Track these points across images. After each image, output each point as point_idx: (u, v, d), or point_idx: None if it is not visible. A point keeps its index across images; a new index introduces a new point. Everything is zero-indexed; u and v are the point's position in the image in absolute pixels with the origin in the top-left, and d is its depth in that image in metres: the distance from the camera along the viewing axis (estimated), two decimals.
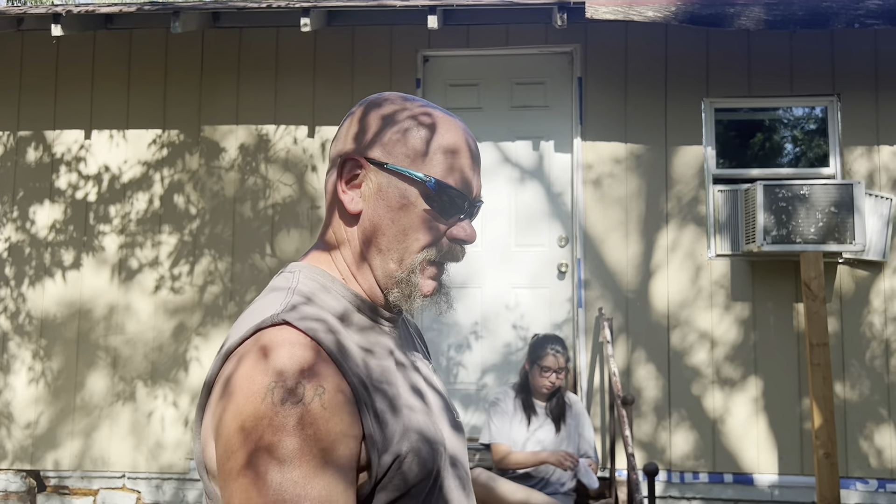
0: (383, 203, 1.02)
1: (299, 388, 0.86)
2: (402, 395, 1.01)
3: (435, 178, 1.01)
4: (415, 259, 1.02)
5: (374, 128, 1.04)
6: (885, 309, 4.59)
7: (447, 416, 1.13)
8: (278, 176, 4.95)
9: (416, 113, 1.04)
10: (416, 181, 1.01)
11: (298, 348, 0.90)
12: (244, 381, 0.87)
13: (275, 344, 0.90)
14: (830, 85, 4.74)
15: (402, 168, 1.02)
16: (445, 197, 1.02)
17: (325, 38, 5.00)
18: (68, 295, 4.95)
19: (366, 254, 1.05)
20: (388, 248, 1.03)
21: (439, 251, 1.03)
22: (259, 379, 0.87)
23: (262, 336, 0.92)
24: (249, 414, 0.85)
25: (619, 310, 4.70)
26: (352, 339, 0.99)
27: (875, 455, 4.49)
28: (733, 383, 4.60)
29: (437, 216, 1.02)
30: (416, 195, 1.01)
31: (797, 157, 4.98)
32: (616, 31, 4.86)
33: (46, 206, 5.03)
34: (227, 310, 4.86)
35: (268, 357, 0.89)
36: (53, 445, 4.84)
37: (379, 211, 1.02)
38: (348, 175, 1.04)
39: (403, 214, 1.02)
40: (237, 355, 0.92)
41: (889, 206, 4.55)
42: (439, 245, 1.03)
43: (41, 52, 5.14)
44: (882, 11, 4.10)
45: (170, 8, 4.52)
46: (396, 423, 0.96)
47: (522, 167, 4.96)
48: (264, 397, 0.85)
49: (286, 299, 0.97)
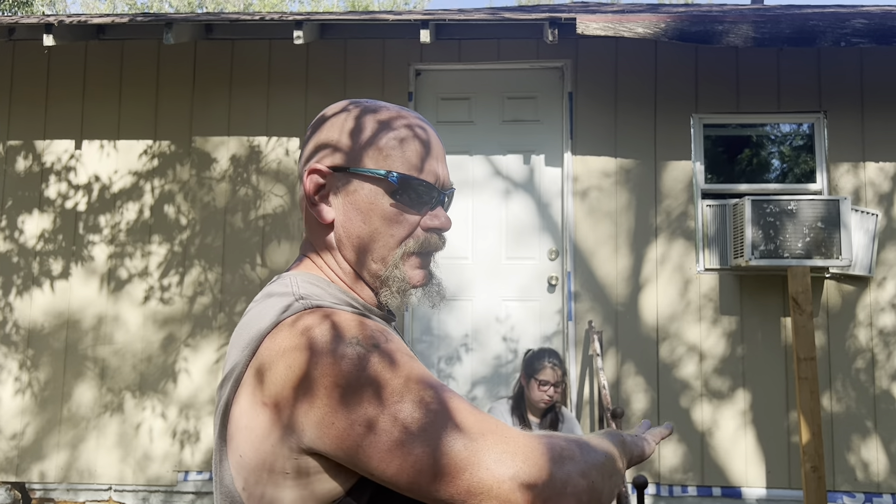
0: (352, 207, 1.03)
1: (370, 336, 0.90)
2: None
3: (396, 171, 1.02)
4: (395, 254, 1.03)
5: (330, 137, 1.05)
6: (870, 323, 4.63)
7: None
8: (269, 187, 4.95)
9: (367, 113, 1.06)
10: (378, 179, 1.02)
11: (342, 315, 0.92)
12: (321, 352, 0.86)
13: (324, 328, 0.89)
14: (817, 102, 4.81)
15: (363, 169, 1.02)
16: (410, 189, 1.02)
17: (318, 51, 5.02)
18: (56, 305, 4.92)
19: (348, 259, 1.05)
20: (366, 249, 1.04)
21: (417, 242, 1.04)
22: (330, 339, 0.88)
23: (295, 321, 0.91)
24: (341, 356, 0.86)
25: (609, 323, 4.72)
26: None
27: (862, 469, 4.52)
28: (722, 396, 4.63)
29: (407, 209, 1.03)
30: (382, 192, 1.02)
31: (784, 173, 5.03)
32: (606, 47, 4.91)
33: (35, 216, 5.01)
34: (216, 321, 4.85)
35: (325, 326, 0.89)
36: (39, 457, 4.80)
37: (350, 215, 1.03)
38: (314, 187, 1.05)
39: (373, 214, 1.02)
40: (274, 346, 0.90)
41: (875, 222, 4.61)
42: (415, 236, 1.04)
43: (32, 62, 5.13)
44: (868, 30, 4.17)
45: (162, 19, 4.53)
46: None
47: (513, 181, 4.99)
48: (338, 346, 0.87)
49: (293, 298, 0.96)
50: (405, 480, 0.83)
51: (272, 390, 0.88)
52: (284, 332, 0.90)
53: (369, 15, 4.78)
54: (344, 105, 1.08)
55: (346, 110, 1.07)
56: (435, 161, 1.05)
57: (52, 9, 17.90)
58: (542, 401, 3.73)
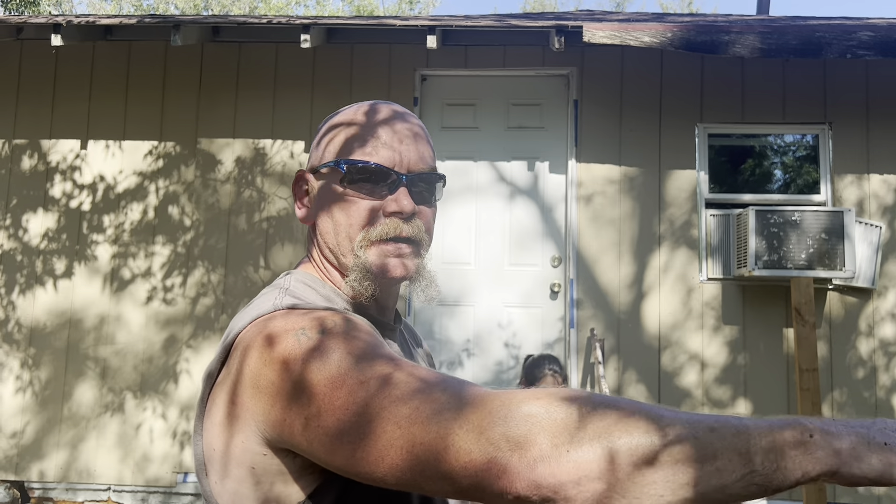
0: (319, 204, 1.06)
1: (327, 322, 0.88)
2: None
3: (342, 159, 1.02)
4: (356, 243, 1.02)
5: (313, 144, 1.11)
6: (872, 335, 4.63)
7: None
8: (274, 189, 4.96)
9: (338, 114, 1.09)
10: (331, 171, 1.04)
11: (313, 312, 0.91)
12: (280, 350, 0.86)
13: (283, 323, 0.90)
14: (822, 113, 4.81)
15: (321, 164, 1.06)
16: (361, 174, 1.01)
17: (324, 55, 5.03)
18: (59, 304, 4.92)
19: (325, 257, 1.07)
20: (335, 243, 1.04)
21: (377, 229, 1.02)
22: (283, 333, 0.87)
23: (266, 321, 0.91)
24: (285, 350, 0.85)
25: (611, 330, 4.72)
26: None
27: None
28: (723, 406, 4.62)
29: (360, 195, 1.02)
30: (335, 183, 1.03)
31: (788, 184, 5.03)
32: (612, 56, 4.92)
33: (40, 215, 5.02)
34: (218, 322, 4.85)
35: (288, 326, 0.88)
36: (39, 456, 4.80)
37: (320, 213, 1.06)
38: (299, 192, 1.11)
39: (333, 206, 1.03)
40: (241, 343, 0.91)
41: (879, 234, 4.61)
42: (375, 223, 1.02)
43: (40, 62, 5.15)
44: (874, 43, 4.18)
45: (170, 21, 4.55)
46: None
47: (517, 187, 5.00)
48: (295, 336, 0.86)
49: (282, 295, 0.98)
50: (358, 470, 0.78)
51: (232, 386, 0.90)
52: (251, 332, 0.91)
53: (376, 20, 4.80)
54: (338, 111, 1.12)
55: (333, 115, 1.12)
56: (393, 144, 1.02)
57: (59, 9, 17.96)
58: None
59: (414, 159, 1.04)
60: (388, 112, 1.06)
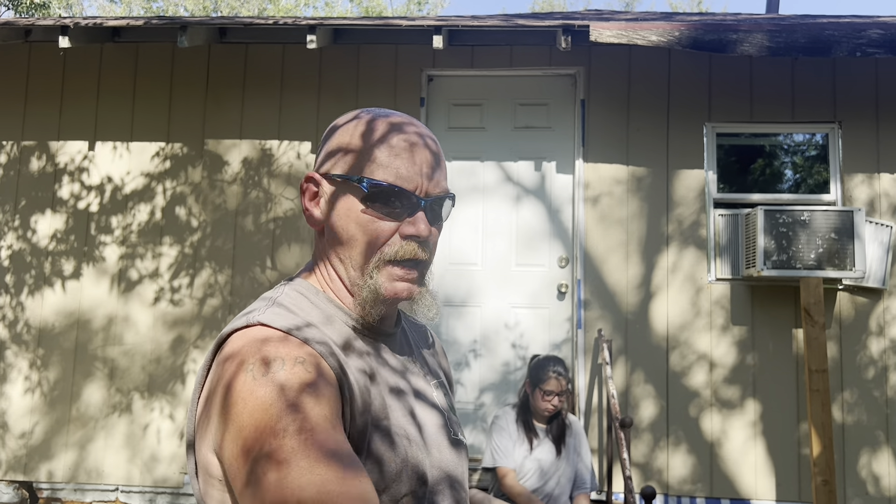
0: (334, 213, 1.05)
1: (288, 377, 0.88)
2: (401, 426, 1.01)
3: (368, 178, 1.01)
4: (370, 263, 1.03)
5: (329, 144, 1.08)
6: (884, 335, 4.59)
7: (445, 433, 1.12)
8: (280, 190, 4.96)
9: (361, 122, 1.07)
10: (352, 185, 1.03)
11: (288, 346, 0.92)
12: (238, 392, 0.87)
13: (263, 345, 0.91)
14: (832, 112, 4.78)
15: (340, 175, 1.04)
16: (382, 195, 1.01)
17: (331, 56, 5.03)
18: (67, 305, 4.94)
19: (332, 265, 1.07)
20: (346, 255, 1.04)
21: (392, 250, 1.02)
22: (251, 385, 0.87)
23: (246, 338, 0.94)
24: (251, 428, 0.86)
25: (619, 331, 4.69)
26: (351, 365, 0.99)
27: (873, 482, 4.47)
28: (731, 407, 4.59)
29: (381, 216, 1.02)
30: (356, 199, 1.03)
31: (798, 183, 5.00)
32: (619, 55, 4.90)
33: (48, 216, 5.04)
34: (225, 323, 4.86)
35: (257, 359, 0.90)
36: (47, 457, 4.81)
37: (333, 221, 1.05)
38: (309, 193, 1.08)
39: (350, 220, 1.03)
40: (223, 359, 0.94)
41: (889, 234, 4.57)
42: (391, 244, 1.02)
43: (48, 63, 5.17)
44: (884, 41, 4.14)
45: (177, 22, 4.56)
46: (395, 456, 0.98)
47: (524, 187, 4.98)
48: (260, 404, 0.86)
49: (265, 306, 1.00)
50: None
51: (208, 396, 0.94)
52: (231, 347, 0.94)
53: (383, 20, 4.79)
54: (350, 115, 1.10)
55: (347, 121, 1.09)
56: (415, 168, 1.03)
57: (69, 11, 18.07)
58: (546, 410, 3.72)
59: (433, 183, 1.05)
60: (407, 129, 1.05)
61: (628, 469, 3.52)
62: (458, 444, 1.14)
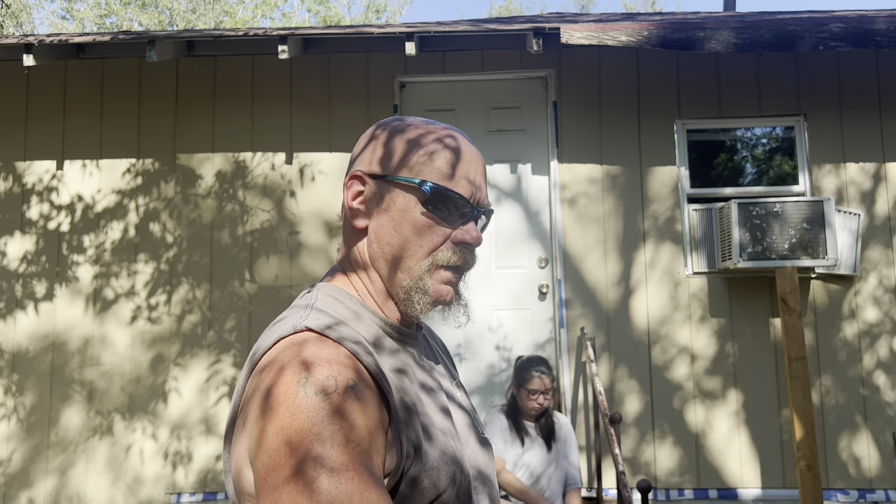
0: (385, 214, 1.04)
1: (330, 381, 0.86)
2: (434, 419, 1.02)
3: (431, 181, 1.02)
4: (421, 265, 1.03)
5: (377, 145, 1.07)
6: (856, 319, 4.70)
7: (474, 433, 1.13)
8: (256, 202, 4.92)
9: (416, 127, 1.07)
10: (413, 188, 1.03)
11: (327, 348, 0.91)
12: (281, 395, 0.86)
13: (302, 349, 0.90)
14: (797, 105, 4.89)
15: (399, 177, 1.03)
16: (443, 201, 1.03)
17: (302, 65, 5.01)
18: (41, 327, 4.83)
19: (376, 267, 1.06)
20: (394, 257, 1.04)
21: (446, 255, 1.04)
22: (294, 389, 0.85)
23: (285, 343, 0.92)
24: (295, 429, 0.84)
25: (601, 328, 4.74)
26: (385, 363, 0.99)
27: (854, 465, 4.58)
28: (714, 397, 4.66)
29: (439, 220, 1.03)
30: (415, 202, 1.03)
31: (768, 176, 5.11)
32: (589, 56, 4.96)
33: (17, 238, 4.93)
34: (205, 339, 4.79)
35: (297, 363, 0.88)
36: (27, 484, 4.69)
37: (382, 222, 1.04)
38: (354, 192, 1.07)
39: (405, 223, 1.03)
40: (261, 368, 0.92)
41: (858, 222, 4.69)
42: (445, 249, 1.04)
43: (12, 82, 5.06)
44: (845, 34, 4.26)
45: (144, 37, 4.50)
46: (433, 448, 0.97)
47: (501, 190, 5.01)
48: (304, 407, 0.84)
49: (305, 312, 0.99)
50: None
51: (255, 431, 0.90)
52: (270, 355, 0.92)
53: (353, 29, 4.78)
54: (390, 120, 1.10)
55: (390, 125, 1.09)
56: (471, 178, 1.05)
57: (20, 30, 17.69)
58: (533, 409, 3.82)
59: (484, 195, 1.08)
60: (466, 143, 1.08)
61: (621, 464, 3.55)
62: (486, 443, 1.15)
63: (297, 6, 22.52)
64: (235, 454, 0.93)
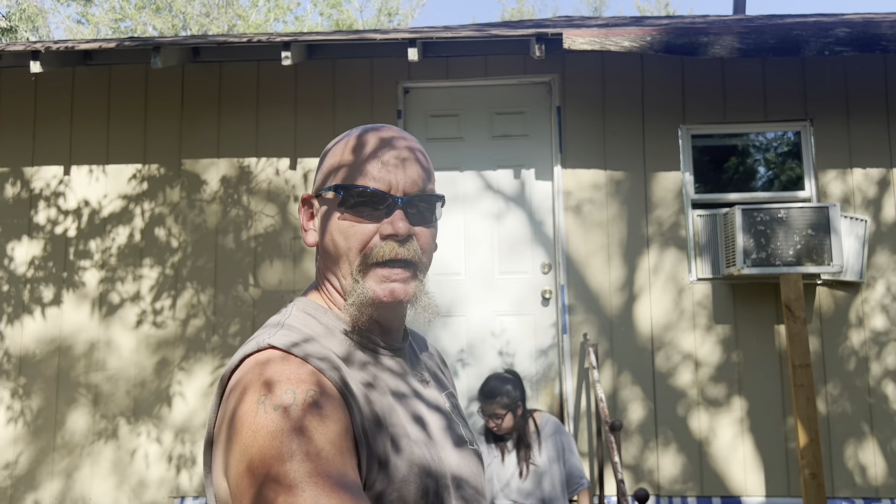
0: (322, 228, 1.09)
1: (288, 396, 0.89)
2: (404, 428, 1.02)
3: (338, 183, 1.05)
4: (354, 266, 1.05)
5: (318, 168, 1.14)
6: (863, 327, 4.66)
7: (450, 436, 1.13)
8: (260, 207, 4.94)
9: (341, 139, 1.12)
10: (331, 196, 1.07)
11: (289, 366, 0.93)
12: (243, 417, 0.88)
13: (265, 368, 0.93)
14: (803, 110, 4.85)
15: (322, 188, 1.09)
16: (355, 197, 1.04)
17: (306, 71, 5.03)
18: (48, 332, 4.88)
19: (329, 280, 1.10)
20: (336, 266, 1.08)
21: (374, 252, 1.04)
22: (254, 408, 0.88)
23: (250, 363, 0.95)
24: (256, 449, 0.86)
25: (604, 334, 4.72)
26: (353, 377, 1.00)
27: (860, 473, 4.53)
28: (718, 405, 4.63)
29: (357, 218, 1.04)
30: (334, 207, 1.06)
31: (773, 181, 5.07)
32: (593, 61, 4.95)
33: (25, 243, 4.98)
34: (210, 343, 4.82)
35: (258, 384, 0.91)
36: (33, 486, 4.74)
37: (322, 235, 1.09)
38: (306, 214, 1.14)
39: (332, 230, 1.06)
40: (228, 392, 0.95)
41: (864, 227, 4.64)
42: (370, 246, 1.04)
43: (19, 89, 5.12)
44: (850, 39, 4.22)
45: (150, 43, 4.53)
46: (402, 461, 0.98)
47: (504, 195, 5.00)
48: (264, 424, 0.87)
49: (273, 331, 1.02)
50: None
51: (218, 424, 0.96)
52: (235, 377, 0.96)
53: (357, 34, 4.80)
54: (343, 135, 1.14)
55: (332, 143, 1.14)
56: (389, 168, 1.04)
57: (36, 35, 17.88)
58: (495, 430, 3.76)
59: (408, 182, 1.05)
60: (384, 136, 1.08)
61: (620, 472, 3.54)
62: (461, 443, 1.14)
63: (309, 10, 22.63)
64: (216, 480, 0.96)
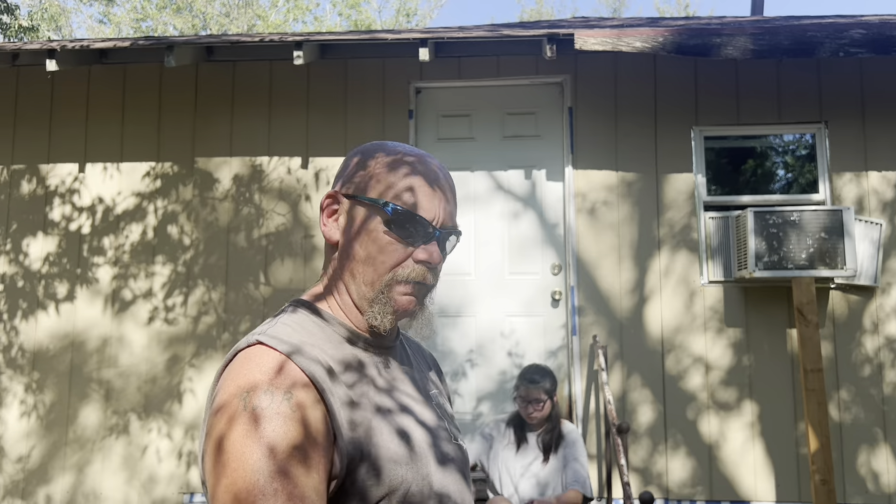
0: (354, 232, 1.13)
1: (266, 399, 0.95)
2: (388, 449, 1.04)
3: (393, 203, 1.10)
4: (383, 280, 1.11)
5: (352, 168, 1.17)
6: (878, 333, 4.60)
7: (434, 453, 1.13)
8: (272, 205, 4.97)
9: (388, 153, 1.16)
10: (377, 208, 1.11)
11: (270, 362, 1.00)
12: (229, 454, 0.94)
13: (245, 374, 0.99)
14: (818, 112, 4.80)
15: (367, 198, 1.12)
16: (405, 221, 1.10)
17: (319, 71, 5.05)
18: (61, 327, 4.93)
19: (343, 280, 1.14)
20: (359, 272, 1.12)
21: (405, 272, 1.11)
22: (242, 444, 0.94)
23: (237, 365, 1.02)
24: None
25: (614, 336, 4.70)
26: (338, 394, 1.03)
27: (872, 480, 4.47)
28: (729, 409, 4.59)
29: (399, 239, 1.10)
30: (379, 221, 1.11)
31: (787, 184, 5.02)
32: (605, 62, 4.92)
33: (40, 239, 5.04)
34: (220, 340, 4.85)
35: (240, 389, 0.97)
36: (45, 480, 4.79)
37: (350, 239, 1.13)
38: (329, 210, 1.17)
39: (370, 240, 1.11)
40: (214, 410, 1.00)
41: (879, 231, 4.59)
42: (405, 266, 1.11)
43: (36, 87, 5.18)
44: (866, 40, 4.17)
45: (164, 42, 4.57)
46: (380, 488, 1.01)
47: (515, 196, 4.99)
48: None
49: (268, 328, 1.08)
50: None
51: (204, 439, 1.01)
52: (218, 395, 1.01)
53: (369, 34, 4.81)
54: (368, 145, 1.20)
55: (366, 150, 1.19)
56: (435, 201, 1.12)
57: (59, 34, 18.10)
58: (529, 418, 3.79)
59: (447, 217, 1.15)
60: (434, 168, 1.16)
61: (626, 475, 3.52)
62: (445, 460, 1.15)
63: (328, 10, 22.74)
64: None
